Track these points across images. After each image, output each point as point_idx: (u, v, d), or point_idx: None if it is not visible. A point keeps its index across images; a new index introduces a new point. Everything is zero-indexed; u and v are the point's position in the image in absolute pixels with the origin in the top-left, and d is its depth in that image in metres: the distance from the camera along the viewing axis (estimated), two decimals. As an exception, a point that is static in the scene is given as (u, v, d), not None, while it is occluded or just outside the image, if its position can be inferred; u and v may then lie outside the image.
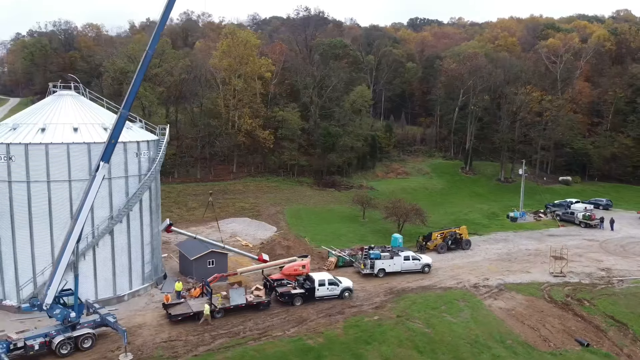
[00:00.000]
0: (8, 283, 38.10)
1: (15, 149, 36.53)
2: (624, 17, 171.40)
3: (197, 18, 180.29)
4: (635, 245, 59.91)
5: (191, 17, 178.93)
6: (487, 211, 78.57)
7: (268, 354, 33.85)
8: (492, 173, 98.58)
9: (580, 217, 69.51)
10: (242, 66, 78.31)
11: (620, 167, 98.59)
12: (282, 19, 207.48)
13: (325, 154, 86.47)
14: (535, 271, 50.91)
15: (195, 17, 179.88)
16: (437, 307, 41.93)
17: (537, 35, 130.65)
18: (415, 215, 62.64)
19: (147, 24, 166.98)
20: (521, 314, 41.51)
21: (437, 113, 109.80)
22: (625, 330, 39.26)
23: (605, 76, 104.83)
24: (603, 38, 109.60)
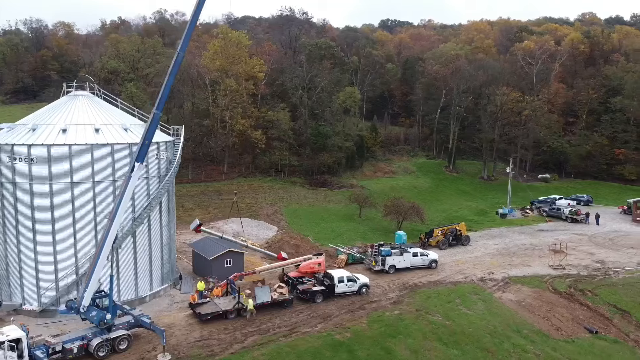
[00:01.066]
0: (28, 287, 37.45)
1: (37, 150, 35.98)
2: (589, 20, 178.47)
3: (170, 17, 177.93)
4: (622, 238, 63.23)
5: (164, 16, 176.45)
6: (476, 208, 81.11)
7: (301, 349, 34.53)
8: (474, 171, 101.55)
9: (566, 212, 72.69)
10: (234, 66, 78.25)
11: (595, 165, 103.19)
12: (256, 18, 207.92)
13: (315, 154, 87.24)
14: (536, 264, 53.23)
15: (169, 16, 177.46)
16: (452, 300, 43.50)
17: (511, 38, 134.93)
18: (413, 213, 64.21)
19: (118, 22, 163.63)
20: (531, 305, 43.51)
21: (419, 113, 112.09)
22: (629, 317, 41.73)
23: (579, 77, 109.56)
24: (577, 41, 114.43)
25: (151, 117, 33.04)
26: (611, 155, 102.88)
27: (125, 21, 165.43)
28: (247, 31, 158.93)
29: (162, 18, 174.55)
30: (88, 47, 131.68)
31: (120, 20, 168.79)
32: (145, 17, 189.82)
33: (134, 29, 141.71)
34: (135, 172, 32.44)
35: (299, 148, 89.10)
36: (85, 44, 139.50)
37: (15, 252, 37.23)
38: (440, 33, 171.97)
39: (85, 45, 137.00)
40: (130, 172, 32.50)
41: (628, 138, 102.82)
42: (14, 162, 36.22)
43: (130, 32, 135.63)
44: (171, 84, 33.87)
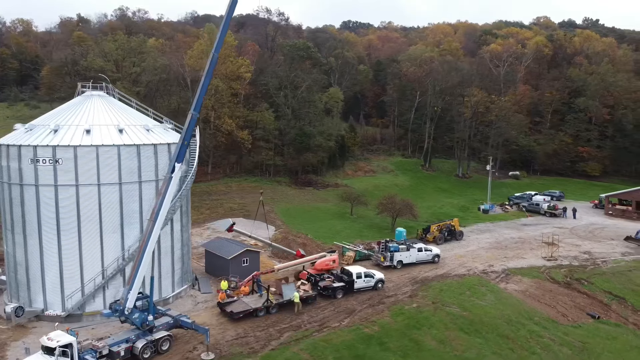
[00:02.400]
0: (51, 292, 36.51)
1: (62, 151, 35.19)
2: (544, 23, 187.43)
3: (132, 15, 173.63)
4: (601, 230, 67.58)
5: (126, 14, 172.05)
6: (457, 205, 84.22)
7: (336, 343, 35.49)
8: (449, 169, 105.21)
9: (545, 207, 76.81)
10: (221, 66, 77.91)
11: (561, 162, 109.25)
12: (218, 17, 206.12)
13: (299, 154, 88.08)
14: (529, 256, 56.25)
15: (131, 14, 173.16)
16: (463, 292, 45.50)
17: (475, 41, 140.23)
18: (406, 210, 66.21)
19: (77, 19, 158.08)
20: (535, 295, 46.19)
21: (393, 114, 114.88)
22: (625, 303, 45.10)
23: (544, 79, 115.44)
24: (541, 44, 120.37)
25: (189, 118, 33.18)
26: (575, 153, 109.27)
27: (85, 20, 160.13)
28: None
29: (123, 15, 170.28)
30: (44, 45, 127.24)
31: (79, 17, 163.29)
32: (107, 14, 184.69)
33: (98, 26, 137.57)
34: (176, 172, 32.58)
35: (283, 148, 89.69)
36: (43, 42, 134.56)
37: (37, 257, 36.21)
38: (406, 35, 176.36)
39: (43, 43, 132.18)
40: (171, 172, 32.47)
41: (590, 136, 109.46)
42: (37, 164, 35.28)
43: (89, 30, 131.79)
44: (207, 85, 34.02)
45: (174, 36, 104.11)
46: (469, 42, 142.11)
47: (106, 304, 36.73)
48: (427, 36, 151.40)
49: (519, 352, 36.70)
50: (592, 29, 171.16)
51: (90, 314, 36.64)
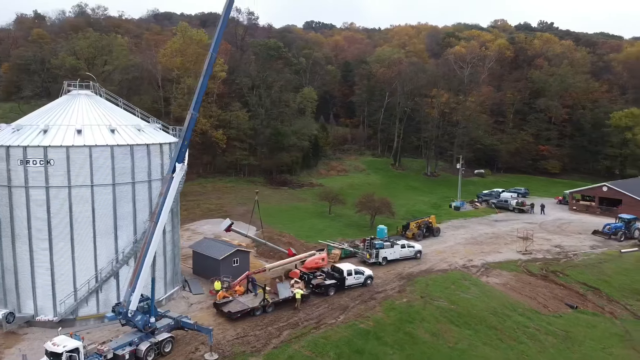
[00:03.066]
0: (42, 297, 35.47)
1: (54, 152, 34.27)
2: (501, 26, 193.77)
3: (91, 12, 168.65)
4: (568, 225, 70.88)
5: (85, 10, 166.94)
6: (429, 202, 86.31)
7: (335, 339, 36.11)
8: (418, 168, 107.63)
9: (513, 204, 79.80)
10: (196, 65, 77.01)
11: (523, 160, 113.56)
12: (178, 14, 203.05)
13: (273, 154, 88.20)
14: (505, 251, 58.48)
15: (90, 11, 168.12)
16: (448, 286, 46.98)
17: (439, 43, 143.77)
18: (385, 208, 67.48)
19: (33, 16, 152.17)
20: (516, 287, 48.18)
21: (363, 114, 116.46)
22: (600, 293, 47.66)
23: (506, 80, 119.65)
24: (503, 46, 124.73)
25: (188, 118, 33.03)
26: (536, 151, 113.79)
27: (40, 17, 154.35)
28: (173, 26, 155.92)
29: (82, 12, 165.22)
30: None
31: (35, 14, 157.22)
32: (65, 11, 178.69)
33: (58, 24, 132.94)
34: (177, 172, 32.28)
35: (257, 148, 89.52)
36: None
37: (26, 260, 35.11)
38: (369, 37, 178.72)
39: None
40: (172, 172, 32.21)
41: (550, 136, 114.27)
42: (27, 165, 34.21)
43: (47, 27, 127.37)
44: (206, 85, 33.92)
45: (141, 34, 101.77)
46: (432, 44, 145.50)
47: (100, 308, 36.27)
48: (392, 38, 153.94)
49: (508, 342, 38.33)
50: (548, 31, 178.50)
51: (84, 319, 35.88)
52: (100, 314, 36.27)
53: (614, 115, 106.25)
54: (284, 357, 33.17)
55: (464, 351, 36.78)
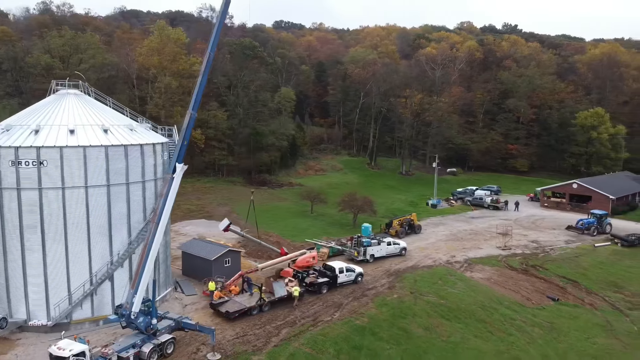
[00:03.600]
0: (34, 301, 34.64)
1: (47, 152, 33.55)
2: (467, 28, 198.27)
3: (56, 9, 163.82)
4: (541, 221, 73.49)
5: (50, 7, 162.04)
6: (406, 200, 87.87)
7: (333, 336, 36.65)
8: (393, 167, 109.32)
9: (488, 201, 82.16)
10: (172, 64, 76.13)
11: (493, 159, 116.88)
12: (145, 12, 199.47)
13: (252, 154, 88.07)
14: (485, 247, 60.27)
15: (55, 8, 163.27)
16: (435, 282, 48.20)
17: (410, 44, 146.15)
18: (367, 207, 68.45)
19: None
20: (499, 281, 49.80)
21: (338, 114, 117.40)
22: (578, 285, 49.72)
23: (476, 81, 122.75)
24: (473, 48, 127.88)
25: (188, 118, 32.94)
26: (505, 150, 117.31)
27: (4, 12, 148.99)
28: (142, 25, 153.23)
29: (47, 10, 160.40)
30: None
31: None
32: (29, 8, 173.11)
33: (23, 21, 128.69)
34: (178, 172, 32.14)
35: (235, 148, 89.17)
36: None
37: (19, 265, 34.24)
38: (341, 37, 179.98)
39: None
40: (173, 173, 32.05)
41: (519, 135, 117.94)
42: (18, 166, 33.38)
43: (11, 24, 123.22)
44: (205, 84, 33.94)
45: (112, 32, 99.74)
46: (403, 45, 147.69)
47: (94, 311, 35.79)
48: (364, 39, 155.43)
49: (498, 334, 39.66)
50: (512, 34, 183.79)
51: (78, 322, 35.24)
52: (95, 317, 35.85)
53: (580, 115, 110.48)
54: (285, 355, 33.48)
55: (457, 344, 37.89)
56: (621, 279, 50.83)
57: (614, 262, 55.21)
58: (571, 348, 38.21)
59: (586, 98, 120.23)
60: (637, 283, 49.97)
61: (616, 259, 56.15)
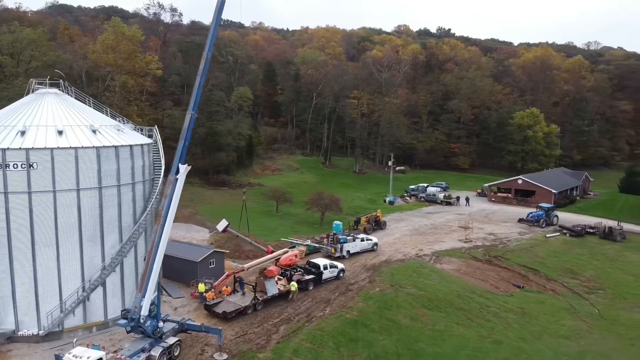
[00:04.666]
0: (23, 310, 33.10)
1: (37, 154, 32.19)
2: (404, 31, 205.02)
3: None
4: (493, 214, 78.18)
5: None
6: (364, 198, 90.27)
7: (329, 330, 37.75)
8: (346, 166, 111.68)
9: (441, 197, 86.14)
10: (126, 62, 73.78)
11: (437, 157, 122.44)
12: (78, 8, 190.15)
13: (209, 154, 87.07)
14: (447, 240, 63.43)
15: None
16: (410, 274, 50.37)
17: (354, 46, 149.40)
18: (333, 205, 69.90)
19: None
20: (467, 272, 52.89)
21: (291, 114, 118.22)
22: (539, 273, 53.81)
23: (420, 83, 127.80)
24: (416, 51, 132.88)
25: (188, 119, 32.76)
26: (448, 149, 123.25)
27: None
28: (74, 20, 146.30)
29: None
30: None
31: None
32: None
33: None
34: (181, 173, 31.93)
35: (191, 148, 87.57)
36: None
37: (6, 273, 32.58)
38: (284, 37, 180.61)
39: None
40: (176, 174, 31.82)
41: (460, 134, 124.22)
42: (6, 170, 31.79)
43: None
44: (203, 84, 33.88)
45: (56, 28, 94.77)
46: (348, 47, 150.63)
47: (87, 317, 34.87)
48: (310, 40, 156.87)
49: (477, 321, 42.39)
50: (446, 37, 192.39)
51: (71, 330, 34.04)
52: (88, 324, 34.81)
53: (516, 115, 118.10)
54: (289, 351, 34.16)
55: (442, 332, 40.15)
56: (575, 266, 55.56)
57: (566, 251, 60.07)
58: (544, 330, 41.58)
59: (521, 99, 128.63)
60: (590, 269, 54.89)
61: (567, 248, 61.11)
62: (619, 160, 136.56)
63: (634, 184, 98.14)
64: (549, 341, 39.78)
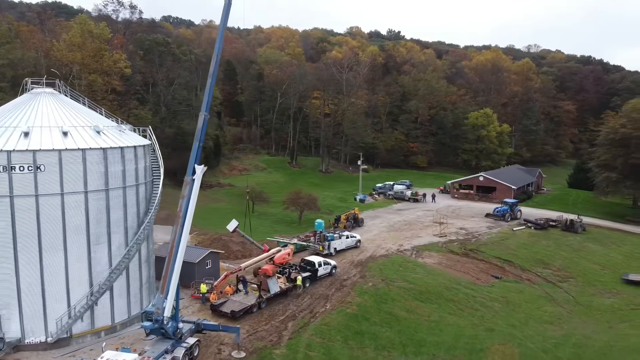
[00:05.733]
0: (30, 318, 32.04)
1: (45, 156, 31.31)
2: (356, 32, 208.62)
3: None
4: (459, 210, 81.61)
5: None
6: (335, 196, 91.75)
7: (335, 325, 38.85)
8: (312, 165, 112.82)
9: (408, 194, 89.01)
10: (95, 60, 71.55)
11: (397, 156, 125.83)
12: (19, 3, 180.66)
13: (177, 154, 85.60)
14: (423, 235, 65.85)
15: None
16: (397, 269, 52.22)
17: (313, 47, 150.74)
18: (311, 204, 70.92)
19: None
20: (449, 265, 55.39)
21: (255, 114, 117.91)
22: (513, 264, 57.07)
23: (379, 85, 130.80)
24: (375, 53, 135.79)
25: (202, 120, 32.89)
26: (407, 148, 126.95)
27: None
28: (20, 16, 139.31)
29: None
30: None
31: None
32: None
33: None
34: (198, 174, 32.05)
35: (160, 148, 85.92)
36: None
37: (11, 280, 31.45)
38: (242, 36, 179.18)
39: None
40: (192, 175, 31.89)
41: (418, 134, 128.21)
42: (11, 172, 30.73)
43: None
44: (213, 84, 34.12)
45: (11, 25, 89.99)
46: (306, 47, 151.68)
47: (94, 322, 34.15)
48: (268, 40, 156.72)
49: (467, 311, 44.78)
50: (395, 39, 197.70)
51: (80, 336, 33.34)
52: (96, 329, 34.16)
53: (471, 115, 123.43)
54: (303, 346, 34.96)
55: (438, 322, 42.15)
56: (545, 257, 59.35)
57: (534, 243, 63.95)
58: (529, 317, 44.50)
59: (474, 100, 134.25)
60: (559, 259, 58.82)
61: (534, 240, 65.03)
62: (564, 157, 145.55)
63: (582, 179, 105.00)
64: (535, 327, 42.66)
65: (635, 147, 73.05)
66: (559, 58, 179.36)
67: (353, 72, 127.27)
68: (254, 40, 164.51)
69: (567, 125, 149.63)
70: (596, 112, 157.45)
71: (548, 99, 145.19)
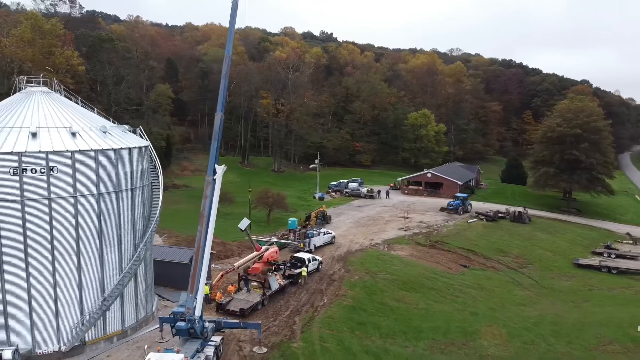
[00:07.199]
0: (41, 327, 30.71)
1: (58, 158, 30.22)
2: (290, 33, 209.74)
3: None
4: (414, 205, 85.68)
5: None
6: (294, 195, 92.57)
7: (338, 317, 40.38)
8: (264, 165, 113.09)
9: (364, 191, 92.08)
10: (47, 57, 67.82)
11: (343, 155, 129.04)
12: None
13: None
14: (389, 229, 68.92)
15: None
16: (376, 262, 54.59)
17: (255, 46, 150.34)
18: (280, 203, 71.66)
19: None
20: (420, 256, 58.66)
21: (201, 113, 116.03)
22: (477, 254, 61.41)
23: (324, 86, 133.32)
24: (319, 55, 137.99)
25: (218, 120, 33.15)
26: (352, 147, 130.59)
27: None
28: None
29: None
30: None
31: None
32: None
33: None
34: (219, 174, 32.33)
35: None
36: None
37: (22, 287, 30.03)
38: (172, 32, 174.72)
39: None
40: (213, 175, 32.13)
41: (362, 134, 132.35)
42: (22, 175, 29.41)
43: None
44: (227, 85, 34.51)
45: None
46: (248, 47, 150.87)
47: (106, 328, 33.28)
48: (207, 37, 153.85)
49: (449, 298, 47.98)
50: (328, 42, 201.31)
51: (93, 342, 32.44)
52: (109, 334, 33.36)
53: (410, 115, 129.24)
54: (317, 338, 36.16)
55: (427, 310, 44.87)
56: (502, 246, 64.38)
57: (490, 234, 69.00)
58: (504, 301, 48.47)
59: (412, 102, 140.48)
60: (515, 248, 64.07)
61: (489, 231, 70.14)
62: (492, 154, 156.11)
63: (513, 175, 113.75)
64: (512, 309, 46.62)
65: (570, 144, 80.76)
66: (482, 62, 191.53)
67: (299, 72, 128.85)
68: (190, 38, 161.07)
69: (494, 124, 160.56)
70: (518, 112, 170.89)
71: (477, 100, 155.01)
